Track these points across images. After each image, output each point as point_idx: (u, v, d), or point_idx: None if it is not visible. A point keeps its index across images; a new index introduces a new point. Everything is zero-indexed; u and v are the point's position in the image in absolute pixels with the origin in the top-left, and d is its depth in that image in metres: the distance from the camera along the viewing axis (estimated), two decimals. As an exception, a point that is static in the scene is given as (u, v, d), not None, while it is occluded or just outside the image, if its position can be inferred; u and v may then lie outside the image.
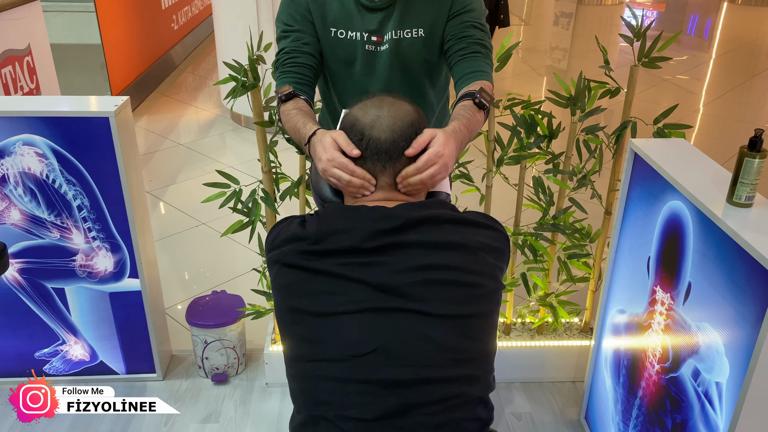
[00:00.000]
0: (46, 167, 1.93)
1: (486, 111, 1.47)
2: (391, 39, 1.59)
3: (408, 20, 1.58)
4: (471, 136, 1.41)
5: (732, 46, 7.66)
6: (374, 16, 1.58)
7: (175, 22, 6.19)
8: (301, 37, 1.60)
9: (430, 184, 1.23)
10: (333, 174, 1.22)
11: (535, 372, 2.32)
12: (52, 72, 3.37)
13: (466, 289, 1.12)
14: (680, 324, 1.49)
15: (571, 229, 2.10)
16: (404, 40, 1.59)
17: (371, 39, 1.59)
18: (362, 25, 1.59)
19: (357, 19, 1.59)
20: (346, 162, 1.21)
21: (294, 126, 1.43)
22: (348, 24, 1.59)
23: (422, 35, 1.60)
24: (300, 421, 1.14)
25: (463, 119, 1.39)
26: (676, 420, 1.52)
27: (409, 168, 1.22)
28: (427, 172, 1.21)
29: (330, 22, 1.60)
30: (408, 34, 1.59)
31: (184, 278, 2.98)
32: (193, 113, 5.02)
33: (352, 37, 1.60)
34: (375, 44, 1.60)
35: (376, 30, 1.59)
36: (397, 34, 1.59)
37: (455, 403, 1.10)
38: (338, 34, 1.60)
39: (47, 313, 2.16)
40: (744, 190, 1.34)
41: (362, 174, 1.21)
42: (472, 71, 1.54)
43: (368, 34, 1.59)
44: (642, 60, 1.89)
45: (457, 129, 1.33)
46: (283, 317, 1.16)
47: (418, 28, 1.59)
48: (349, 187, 1.22)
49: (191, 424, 2.12)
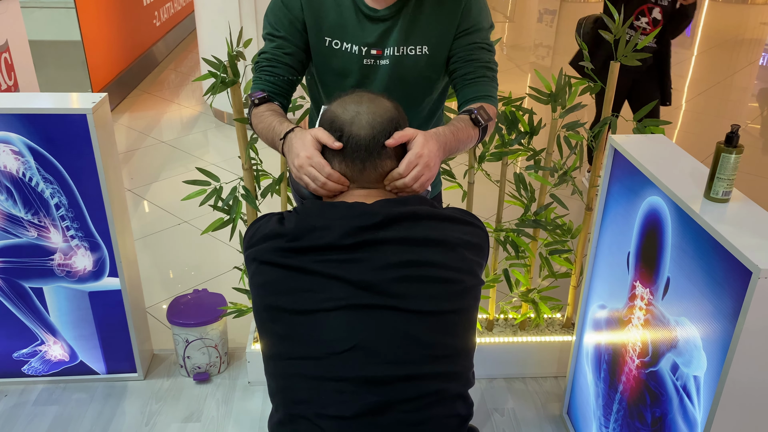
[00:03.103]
0: (23, 165, 1.90)
1: (481, 129, 1.43)
2: (392, 55, 1.49)
3: (412, 36, 1.49)
4: (459, 145, 1.37)
5: (713, 43, 7.73)
6: (375, 27, 1.48)
7: (157, 18, 6.13)
8: (284, 46, 1.51)
9: (418, 186, 1.22)
10: (308, 173, 1.21)
11: (517, 367, 2.33)
12: (30, 69, 3.32)
13: (445, 285, 1.12)
14: (659, 319, 1.50)
15: (552, 225, 2.11)
16: (407, 58, 1.50)
17: (370, 53, 1.49)
18: (361, 36, 1.49)
19: (355, 30, 1.49)
20: (323, 163, 1.20)
21: (268, 125, 1.39)
22: (344, 34, 1.49)
23: (426, 53, 1.50)
24: (278, 419, 1.14)
25: (451, 126, 1.37)
26: (656, 414, 1.53)
27: (393, 172, 1.22)
28: (411, 174, 1.21)
29: (325, 31, 1.50)
30: (411, 51, 1.49)
31: (165, 277, 2.95)
32: (176, 110, 4.97)
33: (347, 49, 1.50)
34: (374, 58, 1.50)
35: (376, 43, 1.49)
36: (399, 51, 1.49)
37: (434, 399, 1.10)
38: (333, 44, 1.51)
39: (25, 314, 2.14)
40: (721, 185, 1.35)
41: (338, 178, 1.20)
42: (478, 96, 1.49)
43: (367, 47, 1.49)
44: (621, 56, 1.90)
45: (440, 132, 1.31)
46: (261, 315, 1.15)
47: (422, 45, 1.49)
48: (323, 188, 1.21)
49: (173, 424, 2.10)
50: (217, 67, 1.81)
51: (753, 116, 5.31)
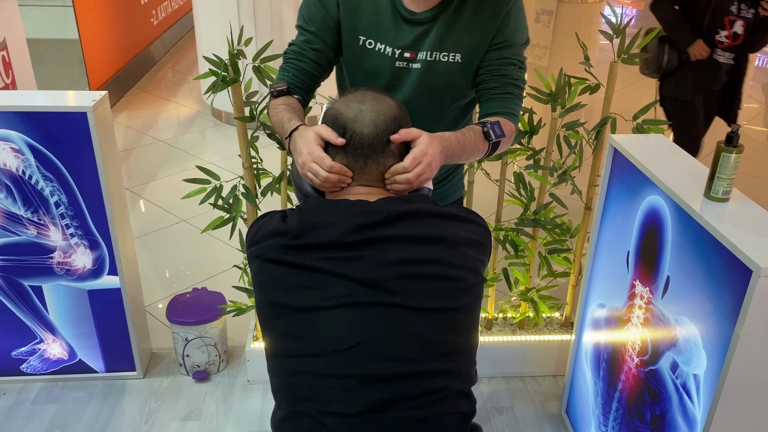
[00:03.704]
0: (23, 163, 1.90)
1: (491, 143, 1.41)
2: (425, 59, 1.47)
3: (447, 42, 1.46)
4: (462, 154, 1.36)
5: (709, 44, 7.75)
6: (411, 30, 1.46)
7: (155, 17, 6.12)
8: (312, 41, 1.51)
9: (417, 183, 1.22)
10: (311, 168, 1.21)
11: (516, 366, 2.33)
12: (28, 67, 3.31)
13: (448, 283, 1.12)
14: (659, 317, 1.51)
15: (551, 224, 2.12)
16: (439, 64, 1.48)
17: (403, 55, 1.48)
18: (395, 39, 1.47)
19: (391, 32, 1.47)
20: (324, 156, 1.20)
21: (279, 120, 1.40)
22: (379, 35, 1.48)
23: (459, 61, 1.48)
24: (281, 416, 1.14)
25: (459, 134, 1.35)
26: (655, 412, 1.53)
27: (397, 166, 1.21)
28: (415, 171, 1.21)
29: (360, 30, 1.49)
30: (444, 58, 1.47)
31: (164, 275, 2.95)
32: (173, 109, 4.97)
33: (380, 50, 1.48)
34: (407, 61, 1.48)
35: (410, 46, 1.47)
36: (432, 56, 1.47)
37: (438, 397, 1.10)
38: (367, 44, 1.49)
39: (24, 312, 2.13)
40: (721, 184, 1.36)
41: (339, 168, 1.20)
42: (499, 111, 1.47)
43: (401, 50, 1.47)
44: (621, 56, 1.91)
45: (445, 136, 1.31)
46: (264, 312, 1.15)
47: (456, 53, 1.47)
48: (326, 183, 1.21)
49: (172, 422, 2.10)
50: (217, 66, 1.81)
51: (750, 117, 5.32)
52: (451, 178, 1.75)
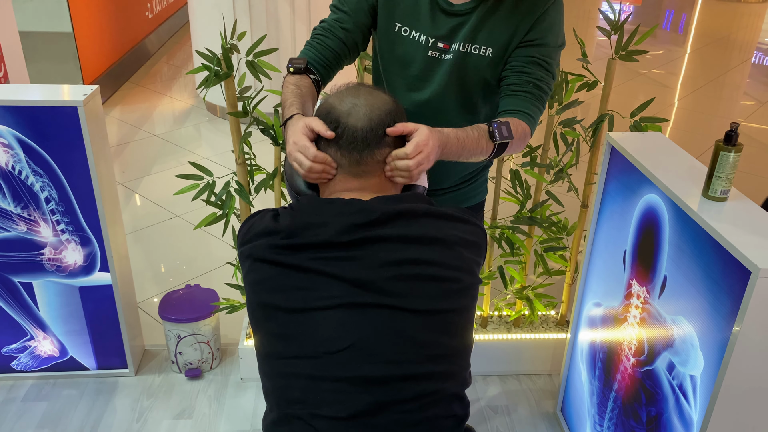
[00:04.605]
0: (12, 158, 1.87)
1: (497, 145, 1.36)
2: (457, 50, 1.46)
3: (481, 36, 1.45)
4: (462, 152, 1.32)
5: (706, 41, 7.74)
6: (448, 21, 1.45)
7: (150, 10, 6.07)
8: (344, 20, 1.50)
9: (416, 171, 1.20)
10: (295, 158, 1.20)
11: (511, 365, 2.32)
12: (20, 60, 3.27)
13: (443, 284, 1.11)
14: (656, 317, 1.50)
15: (547, 222, 2.10)
16: (471, 56, 1.46)
17: (437, 45, 1.47)
18: (431, 28, 1.46)
19: (427, 21, 1.46)
20: (308, 146, 1.18)
21: (283, 102, 1.39)
22: (416, 23, 1.47)
23: (490, 55, 1.46)
24: (272, 419, 1.12)
25: (460, 131, 1.32)
26: (651, 413, 1.52)
27: (399, 151, 1.19)
28: (416, 158, 1.18)
29: (397, 16, 1.48)
30: (476, 50, 1.45)
31: (157, 272, 2.93)
32: (168, 103, 4.93)
33: (415, 38, 1.48)
34: (440, 51, 1.47)
35: (445, 36, 1.46)
36: (465, 47, 1.45)
37: (431, 400, 1.08)
38: (402, 30, 1.49)
39: (14, 308, 2.11)
40: (719, 184, 1.34)
41: (323, 158, 1.18)
42: (515, 110, 1.43)
43: (435, 39, 1.46)
44: (619, 53, 1.89)
45: (444, 131, 1.28)
46: (255, 313, 1.13)
47: (487, 46, 1.45)
48: (310, 173, 1.19)
49: (164, 420, 2.08)
50: (210, 60, 1.79)
51: (746, 114, 5.32)
52: (474, 180, 1.71)
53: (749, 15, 9.35)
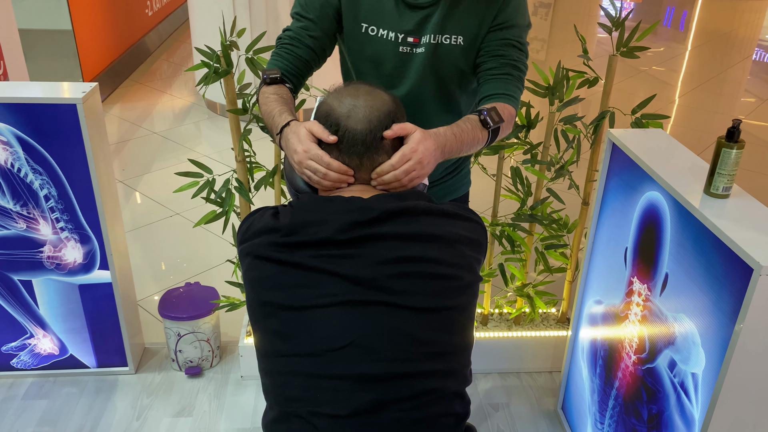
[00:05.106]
0: (11, 156, 1.87)
1: (490, 131, 1.37)
2: (428, 43, 1.46)
3: (449, 25, 1.46)
4: (462, 147, 1.33)
5: (708, 38, 7.73)
6: (414, 15, 1.45)
7: (150, 8, 6.06)
8: (310, 28, 1.49)
9: (407, 181, 1.19)
10: (309, 166, 1.18)
11: (512, 362, 2.32)
12: (20, 58, 3.27)
13: (443, 281, 1.10)
14: (657, 315, 1.49)
15: (548, 219, 2.09)
16: (443, 47, 1.47)
17: (407, 40, 1.47)
18: (398, 24, 1.46)
19: (393, 17, 1.46)
20: (321, 154, 1.17)
21: (269, 111, 1.37)
22: (381, 21, 1.47)
23: (461, 44, 1.47)
24: (272, 417, 1.11)
25: (455, 127, 1.32)
26: (652, 410, 1.52)
27: (384, 165, 1.18)
28: (402, 168, 1.18)
29: (362, 17, 1.48)
30: (447, 40, 1.46)
31: (157, 269, 2.92)
32: (168, 101, 4.92)
33: (383, 36, 1.48)
34: (411, 46, 1.47)
35: (413, 30, 1.46)
36: (436, 39, 1.46)
37: (431, 398, 1.08)
38: (369, 30, 1.48)
39: (14, 306, 2.10)
40: (721, 180, 1.33)
41: (338, 167, 1.17)
42: (498, 93, 1.45)
43: (404, 34, 1.46)
44: (620, 50, 1.88)
45: (440, 132, 1.28)
46: (255, 311, 1.13)
47: (458, 35, 1.46)
48: (325, 180, 1.18)
49: (164, 418, 2.08)
50: (209, 57, 1.78)
51: (747, 111, 5.31)
52: (457, 172, 1.72)
53: (750, 11, 9.33)
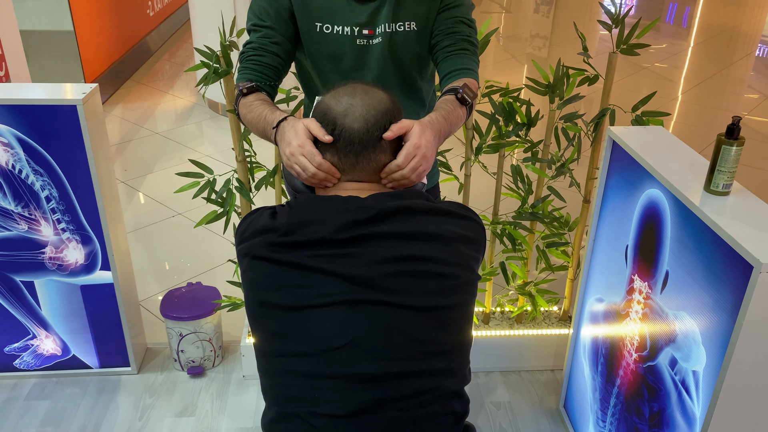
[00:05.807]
0: (12, 157, 1.87)
1: (468, 107, 1.44)
2: (384, 32, 1.50)
3: (401, 13, 1.50)
4: (451, 128, 1.37)
5: (710, 35, 7.70)
6: (365, 8, 1.49)
7: (151, 8, 6.07)
8: (270, 35, 1.50)
9: (415, 177, 1.20)
10: (299, 162, 1.19)
11: (514, 361, 2.31)
12: (22, 59, 3.27)
13: (441, 280, 1.10)
14: (658, 313, 1.49)
15: (549, 217, 2.09)
16: (397, 34, 1.52)
17: (362, 33, 1.50)
18: (351, 18, 1.49)
19: (345, 12, 1.49)
20: (315, 152, 1.18)
21: (259, 114, 1.37)
22: (334, 18, 1.50)
23: (415, 29, 1.52)
24: (271, 417, 1.12)
25: (442, 111, 1.36)
26: (654, 408, 1.52)
27: (391, 164, 1.19)
28: (409, 165, 1.19)
29: (315, 16, 1.50)
30: (401, 28, 1.51)
31: (159, 270, 2.93)
32: (170, 101, 4.93)
33: (339, 32, 1.50)
34: (367, 38, 1.51)
35: (367, 23, 1.50)
36: (390, 27, 1.50)
37: (430, 397, 1.08)
38: (324, 28, 1.51)
39: (16, 307, 2.11)
40: (721, 178, 1.33)
41: (328, 168, 1.18)
42: (459, 68, 1.50)
43: (359, 27, 1.50)
44: (621, 47, 1.87)
45: (434, 120, 1.30)
46: (253, 311, 1.13)
47: (410, 21, 1.52)
48: (312, 178, 1.19)
49: (167, 418, 2.09)
50: (209, 57, 1.78)
51: (750, 107, 5.29)
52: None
53: (753, 7, 9.30)
